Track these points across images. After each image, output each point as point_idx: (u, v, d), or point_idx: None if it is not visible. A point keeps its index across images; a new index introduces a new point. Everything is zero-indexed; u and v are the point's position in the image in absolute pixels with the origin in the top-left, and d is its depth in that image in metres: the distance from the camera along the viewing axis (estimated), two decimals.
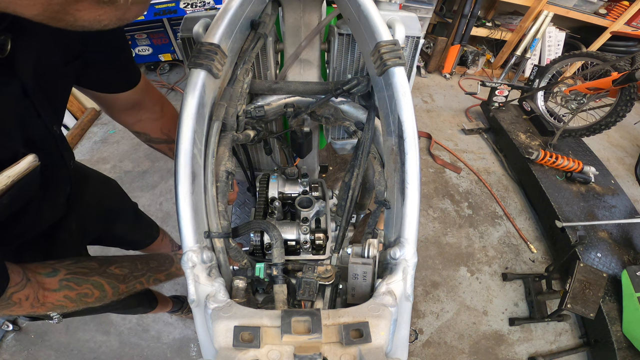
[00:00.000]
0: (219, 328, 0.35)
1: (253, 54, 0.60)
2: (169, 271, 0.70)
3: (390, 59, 0.50)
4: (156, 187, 1.96)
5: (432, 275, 1.80)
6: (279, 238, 0.54)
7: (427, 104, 3.00)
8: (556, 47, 3.15)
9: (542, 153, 2.04)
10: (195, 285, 0.41)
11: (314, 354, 0.32)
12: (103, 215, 0.88)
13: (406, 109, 0.48)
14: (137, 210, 1.07)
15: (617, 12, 2.89)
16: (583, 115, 2.34)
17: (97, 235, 0.89)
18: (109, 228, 0.92)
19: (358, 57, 0.74)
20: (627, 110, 1.86)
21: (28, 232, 0.57)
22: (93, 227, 0.85)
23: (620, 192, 2.03)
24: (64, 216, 0.67)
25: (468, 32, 2.97)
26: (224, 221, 0.51)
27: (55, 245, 0.66)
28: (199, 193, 0.48)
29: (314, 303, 0.50)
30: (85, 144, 2.20)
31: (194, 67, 0.48)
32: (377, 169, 0.62)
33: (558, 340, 1.65)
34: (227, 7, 0.53)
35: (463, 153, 2.53)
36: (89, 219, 0.80)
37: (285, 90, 0.72)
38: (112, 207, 0.94)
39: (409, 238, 0.44)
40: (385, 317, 0.36)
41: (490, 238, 2.01)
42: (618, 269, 1.61)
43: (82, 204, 0.76)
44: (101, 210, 0.87)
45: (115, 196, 0.97)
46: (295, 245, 0.69)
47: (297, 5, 0.69)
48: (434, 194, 2.20)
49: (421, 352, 1.53)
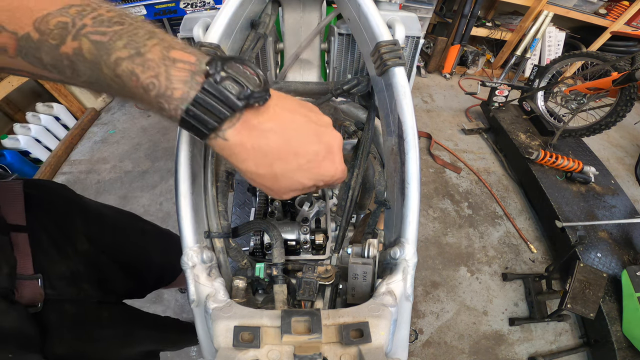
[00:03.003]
0: (219, 328, 0.35)
1: (253, 54, 0.60)
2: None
3: (390, 59, 0.50)
4: (156, 187, 1.96)
5: (432, 275, 1.80)
6: (279, 238, 0.54)
7: (427, 104, 3.00)
8: (556, 47, 3.15)
9: (542, 153, 2.04)
10: (195, 285, 0.41)
11: (314, 354, 0.32)
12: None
13: (406, 109, 0.48)
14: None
15: (617, 12, 2.89)
16: (583, 115, 2.34)
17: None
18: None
19: (358, 57, 0.74)
20: (627, 110, 1.86)
21: None
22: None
23: (620, 192, 2.03)
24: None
25: (468, 32, 2.97)
26: (224, 221, 0.51)
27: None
28: (199, 193, 0.48)
29: (314, 303, 0.50)
30: (85, 144, 2.20)
31: None
32: (377, 169, 0.62)
33: (558, 340, 1.65)
34: (227, 7, 0.53)
35: (463, 153, 2.53)
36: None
37: (285, 90, 0.72)
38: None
39: (409, 238, 0.44)
40: (385, 317, 0.36)
41: (490, 238, 2.01)
42: (618, 269, 1.61)
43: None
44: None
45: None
46: (295, 245, 0.69)
47: (297, 5, 0.69)
48: (434, 194, 2.20)
49: (421, 352, 1.53)
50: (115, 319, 0.72)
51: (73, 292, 0.61)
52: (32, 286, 0.53)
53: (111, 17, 0.31)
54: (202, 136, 0.33)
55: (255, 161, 0.34)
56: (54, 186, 0.70)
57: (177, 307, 1.53)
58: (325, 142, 0.37)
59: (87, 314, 0.64)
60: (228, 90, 0.31)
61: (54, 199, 0.65)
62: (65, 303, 0.60)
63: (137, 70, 0.30)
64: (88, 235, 0.67)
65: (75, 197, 0.73)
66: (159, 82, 0.30)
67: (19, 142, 1.84)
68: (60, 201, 0.67)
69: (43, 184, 0.67)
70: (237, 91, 0.31)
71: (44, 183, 0.68)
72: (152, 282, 0.90)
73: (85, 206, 0.73)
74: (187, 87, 0.31)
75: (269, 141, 0.33)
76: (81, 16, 0.30)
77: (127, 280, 0.77)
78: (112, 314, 0.71)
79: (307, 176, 0.36)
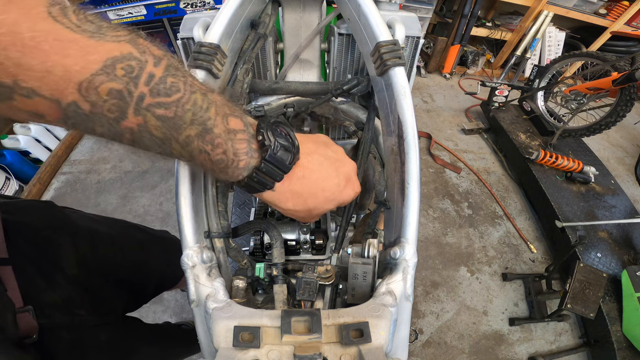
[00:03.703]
0: (218, 328, 0.35)
1: (253, 54, 0.60)
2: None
3: (390, 59, 0.50)
4: (156, 187, 1.96)
5: (432, 275, 1.80)
6: (279, 238, 0.54)
7: (427, 104, 3.00)
8: (556, 47, 3.15)
9: (542, 153, 2.04)
10: (195, 285, 0.41)
11: (314, 353, 0.32)
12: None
13: (406, 109, 0.48)
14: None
15: (617, 12, 2.89)
16: (583, 115, 2.34)
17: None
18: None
19: (358, 57, 0.74)
20: (627, 110, 1.86)
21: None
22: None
23: (620, 192, 2.03)
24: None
25: (468, 32, 2.97)
26: (224, 221, 0.51)
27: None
28: (199, 193, 0.48)
29: (314, 303, 0.50)
30: (85, 144, 2.20)
31: (193, 68, 0.48)
32: (377, 169, 0.62)
33: (558, 340, 1.65)
34: (227, 7, 0.53)
35: (463, 153, 2.53)
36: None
37: (285, 90, 0.71)
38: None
39: (409, 238, 0.44)
40: (385, 317, 0.36)
41: (490, 238, 2.01)
42: (618, 269, 1.61)
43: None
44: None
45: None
46: (295, 245, 0.69)
47: (297, 5, 0.69)
48: (434, 194, 2.20)
49: (421, 352, 1.53)
50: (114, 341, 0.69)
51: (68, 320, 0.59)
52: (25, 318, 0.51)
53: (165, 78, 0.29)
54: (254, 192, 0.40)
55: (294, 202, 0.42)
56: (38, 206, 0.65)
57: (177, 307, 1.53)
58: (344, 174, 0.45)
59: (85, 338, 0.62)
60: (283, 158, 0.38)
61: (36, 224, 0.60)
62: (62, 330, 0.58)
63: (208, 148, 0.33)
64: (79, 258, 0.63)
65: (62, 217, 0.67)
66: (227, 157, 0.35)
67: (19, 142, 1.84)
68: (45, 225, 0.62)
69: (24, 205, 0.63)
70: (289, 158, 0.38)
71: (25, 205, 0.64)
72: (153, 291, 0.88)
73: (74, 225, 0.68)
74: (248, 157, 0.36)
75: (302, 185, 0.42)
76: (134, 82, 0.27)
77: (126, 296, 0.75)
78: (111, 336, 0.68)
79: (333, 204, 0.45)
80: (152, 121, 0.29)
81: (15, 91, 0.24)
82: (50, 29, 0.24)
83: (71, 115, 0.26)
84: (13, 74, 0.23)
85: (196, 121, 0.31)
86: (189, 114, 0.30)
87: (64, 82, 0.25)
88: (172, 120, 0.29)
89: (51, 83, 0.24)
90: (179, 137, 0.31)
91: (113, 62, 0.26)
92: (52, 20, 0.24)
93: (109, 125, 0.28)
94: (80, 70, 0.25)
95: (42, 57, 0.23)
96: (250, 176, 0.37)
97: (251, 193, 0.41)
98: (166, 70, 0.29)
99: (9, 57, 0.22)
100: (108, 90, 0.26)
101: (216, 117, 0.32)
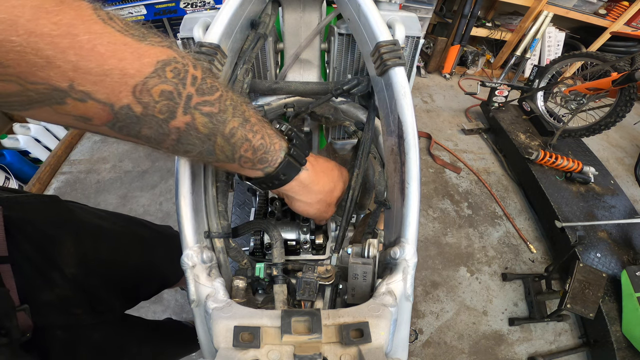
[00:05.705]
0: (218, 328, 0.35)
1: (253, 54, 0.60)
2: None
3: (390, 59, 0.50)
4: (156, 187, 1.96)
5: (432, 275, 1.80)
6: (279, 238, 0.54)
7: (427, 104, 3.00)
8: (556, 47, 3.15)
9: (542, 153, 2.04)
10: (195, 285, 0.41)
11: (314, 353, 0.32)
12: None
13: (406, 109, 0.48)
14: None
15: (617, 13, 2.90)
16: (583, 116, 2.34)
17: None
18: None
19: (358, 57, 0.74)
20: (626, 110, 1.87)
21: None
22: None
23: (619, 192, 2.04)
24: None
25: (468, 32, 2.97)
26: (224, 221, 0.51)
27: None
28: (199, 193, 0.48)
29: (314, 303, 0.50)
30: (85, 144, 2.20)
31: None
32: (377, 169, 0.62)
33: (558, 340, 1.65)
34: (227, 7, 0.53)
35: (463, 153, 2.53)
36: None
37: (285, 90, 0.71)
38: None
39: (409, 238, 0.44)
40: (385, 317, 0.36)
41: (490, 238, 2.01)
42: (617, 269, 1.61)
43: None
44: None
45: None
46: (295, 245, 0.69)
47: (297, 5, 0.69)
48: (434, 194, 2.20)
49: (421, 352, 1.53)
50: (109, 340, 0.68)
51: (63, 319, 0.58)
52: (20, 317, 0.50)
53: (205, 79, 0.31)
54: (291, 174, 0.45)
55: (324, 180, 0.51)
56: (42, 201, 0.64)
57: (177, 306, 1.53)
58: (344, 179, 0.58)
59: (79, 338, 0.62)
60: (302, 138, 0.45)
61: (37, 221, 0.59)
62: (56, 329, 0.58)
63: (249, 135, 0.36)
64: (79, 257, 0.62)
65: (66, 213, 0.65)
66: (265, 141, 0.39)
67: (19, 142, 1.84)
68: (48, 221, 0.60)
69: (28, 201, 0.61)
70: (304, 140, 0.44)
71: (29, 200, 0.62)
72: (155, 288, 0.88)
73: (78, 222, 0.66)
74: (279, 140, 0.41)
75: (326, 165, 0.53)
76: (183, 83, 0.28)
77: (125, 295, 0.74)
78: (106, 335, 0.67)
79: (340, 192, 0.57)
80: (199, 119, 0.31)
81: (68, 95, 0.23)
82: (104, 32, 0.24)
83: (122, 118, 0.26)
84: (70, 78, 0.22)
85: (237, 113, 0.35)
86: (230, 108, 0.34)
87: (119, 86, 0.25)
88: (218, 115, 0.32)
89: (107, 86, 0.24)
90: (224, 130, 0.33)
91: (163, 65, 0.27)
92: (102, 23, 0.24)
93: (158, 127, 0.29)
94: (135, 73, 0.25)
95: (99, 60, 0.23)
96: (289, 153, 0.41)
97: (284, 181, 0.44)
98: (204, 72, 0.31)
99: (67, 60, 0.22)
100: (160, 92, 0.27)
101: (248, 109, 0.37)
